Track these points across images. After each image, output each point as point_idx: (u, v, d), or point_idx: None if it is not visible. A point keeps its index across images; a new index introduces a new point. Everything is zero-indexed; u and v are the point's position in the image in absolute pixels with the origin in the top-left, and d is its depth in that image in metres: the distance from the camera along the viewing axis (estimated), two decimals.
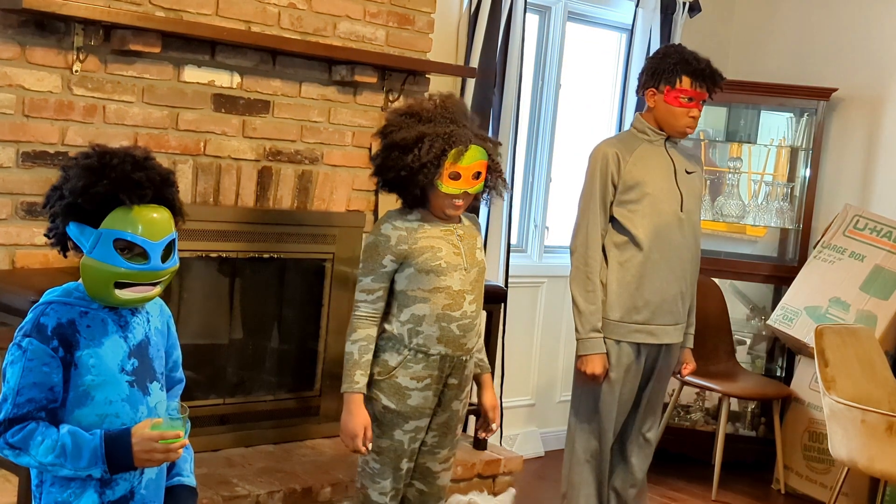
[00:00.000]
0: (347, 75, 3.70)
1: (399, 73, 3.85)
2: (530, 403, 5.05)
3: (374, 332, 2.78)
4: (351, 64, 3.68)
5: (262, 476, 3.41)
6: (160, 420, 2.04)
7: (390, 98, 3.89)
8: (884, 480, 4.19)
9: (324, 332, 3.86)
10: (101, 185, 2.01)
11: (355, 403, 2.74)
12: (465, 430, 3.94)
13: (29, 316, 2.06)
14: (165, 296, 3.38)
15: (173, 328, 2.25)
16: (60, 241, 2.09)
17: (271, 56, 3.56)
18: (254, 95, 3.55)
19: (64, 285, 2.11)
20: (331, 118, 3.76)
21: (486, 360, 2.99)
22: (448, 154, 2.69)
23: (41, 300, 2.09)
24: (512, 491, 3.80)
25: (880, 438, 3.76)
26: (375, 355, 2.79)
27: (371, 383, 2.79)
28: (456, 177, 2.72)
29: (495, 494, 3.94)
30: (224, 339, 3.73)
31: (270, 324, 3.85)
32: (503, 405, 4.65)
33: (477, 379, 2.97)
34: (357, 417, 2.73)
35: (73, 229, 2.04)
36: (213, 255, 3.54)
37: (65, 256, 2.11)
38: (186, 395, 3.50)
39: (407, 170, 2.71)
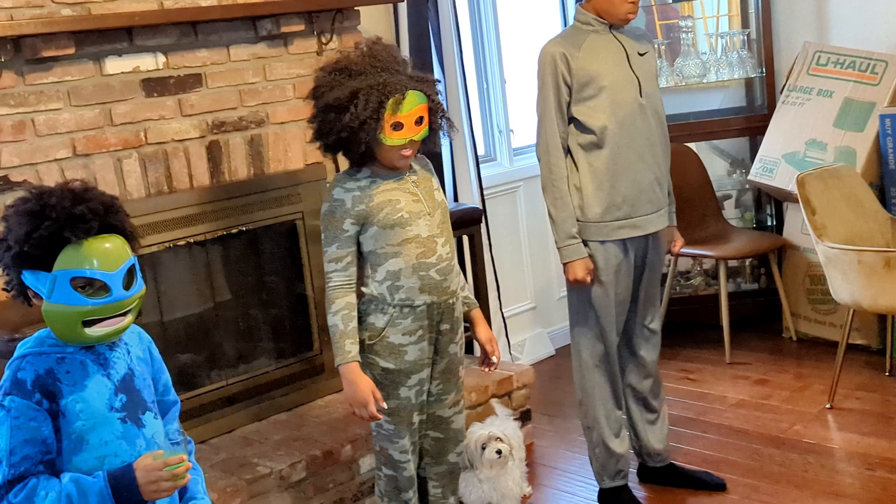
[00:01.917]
0: (274, 28, 3.56)
1: (326, 13, 3.70)
2: (531, 307, 5.04)
3: (352, 298, 2.72)
4: (275, 16, 3.53)
5: (280, 448, 3.40)
6: (161, 451, 2.01)
7: (323, 40, 3.75)
8: (891, 314, 4.20)
9: (310, 289, 3.81)
10: (44, 227, 1.94)
11: (354, 373, 2.69)
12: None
13: (5, 373, 2.01)
14: (147, 295, 3.34)
15: (156, 352, 2.20)
16: (20, 291, 2.02)
17: (192, 27, 3.41)
18: (183, 71, 3.41)
19: (35, 334, 2.06)
20: (267, 76, 3.63)
21: (471, 296, 2.95)
22: (386, 105, 2.59)
23: (15, 354, 2.03)
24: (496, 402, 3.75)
25: (880, 275, 3.74)
26: (361, 320, 2.75)
27: (364, 348, 2.74)
28: (398, 126, 2.63)
29: (515, 409, 3.96)
30: (214, 321, 3.67)
31: (256, 295, 3.79)
32: (504, 315, 4.65)
33: (466, 316, 2.93)
34: (360, 385, 2.68)
35: (28, 278, 1.98)
36: (182, 242, 3.46)
37: (30, 306, 2.04)
38: (190, 385, 3.53)
39: (347, 130, 2.61)
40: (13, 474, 1.96)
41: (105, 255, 1.96)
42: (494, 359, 2.94)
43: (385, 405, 2.72)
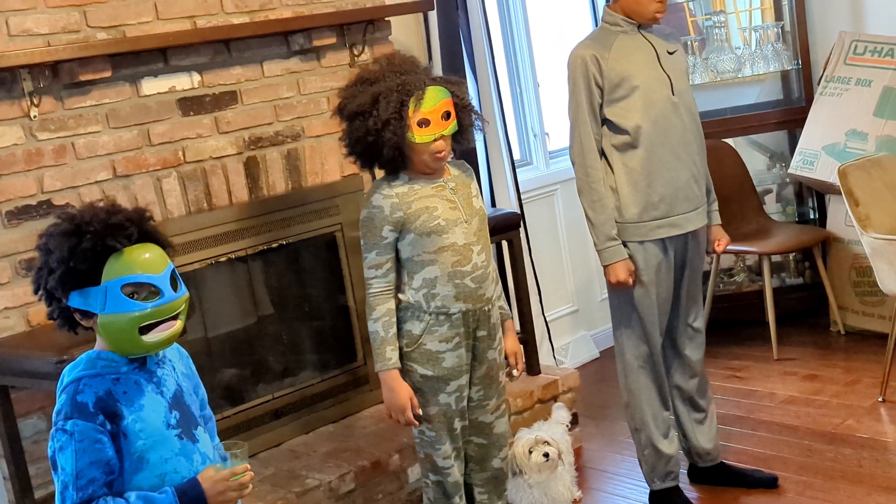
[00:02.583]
0: (306, 43, 3.58)
1: (357, 25, 3.73)
2: (573, 310, 5.02)
3: (392, 305, 2.75)
4: (306, 31, 3.56)
5: (328, 460, 3.41)
6: (219, 465, 2.03)
7: (355, 52, 3.77)
8: None
9: (352, 301, 3.83)
10: (87, 240, 1.97)
11: (394, 379, 2.72)
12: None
13: (63, 398, 2.00)
14: (191, 310, 3.37)
15: (193, 367, 2.22)
16: (66, 317, 2.03)
17: (225, 46, 3.44)
18: (218, 89, 3.45)
19: (83, 357, 2.06)
20: (301, 90, 3.66)
21: (505, 306, 2.96)
22: (408, 103, 2.61)
23: (68, 378, 2.02)
24: (559, 406, 3.71)
25: None
26: (398, 327, 2.77)
27: (402, 355, 2.77)
28: (425, 123, 2.65)
29: None
30: (258, 335, 3.70)
31: (299, 308, 3.82)
32: (546, 319, 4.63)
33: None
34: (399, 392, 2.72)
35: (76, 298, 1.99)
36: (223, 258, 3.49)
37: (76, 333, 2.06)
38: (237, 399, 3.55)
39: (373, 133, 2.64)
40: (81, 498, 1.96)
41: (148, 260, 2.00)
42: (515, 372, 2.98)
43: (421, 412, 2.75)
